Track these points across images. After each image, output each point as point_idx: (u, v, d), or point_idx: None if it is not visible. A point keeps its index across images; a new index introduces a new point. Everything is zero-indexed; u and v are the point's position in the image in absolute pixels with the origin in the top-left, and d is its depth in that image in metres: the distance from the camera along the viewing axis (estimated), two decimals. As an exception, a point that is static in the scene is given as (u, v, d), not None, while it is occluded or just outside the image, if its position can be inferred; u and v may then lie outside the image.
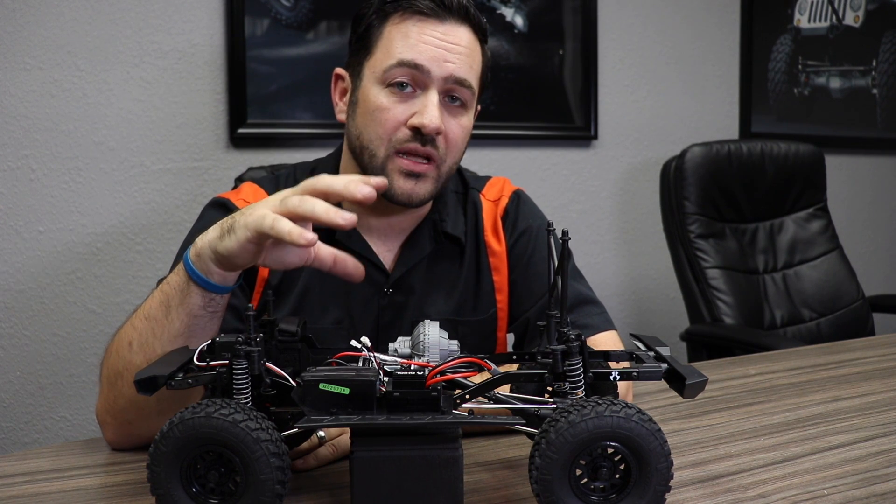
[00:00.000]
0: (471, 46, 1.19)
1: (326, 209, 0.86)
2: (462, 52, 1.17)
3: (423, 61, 1.15)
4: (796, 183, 2.46)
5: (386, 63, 1.16)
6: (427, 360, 0.84)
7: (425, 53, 1.15)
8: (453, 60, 1.16)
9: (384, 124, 1.16)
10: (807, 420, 1.16)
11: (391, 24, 1.17)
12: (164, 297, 0.98)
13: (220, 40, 2.07)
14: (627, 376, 0.82)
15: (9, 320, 1.95)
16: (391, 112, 1.16)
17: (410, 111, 1.16)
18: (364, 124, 1.18)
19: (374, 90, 1.17)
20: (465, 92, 1.19)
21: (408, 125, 1.16)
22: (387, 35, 1.17)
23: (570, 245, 0.80)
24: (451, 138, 1.19)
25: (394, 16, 1.17)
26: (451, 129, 1.18)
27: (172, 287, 0.97)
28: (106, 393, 1.03)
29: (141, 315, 1.00)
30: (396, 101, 1.16)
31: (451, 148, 1.20)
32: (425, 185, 1.19)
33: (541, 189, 2.48)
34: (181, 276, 0.96)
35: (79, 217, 1.98)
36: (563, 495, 0.74)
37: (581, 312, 1.24)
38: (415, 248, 1.27)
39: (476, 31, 1.21)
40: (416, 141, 1.16)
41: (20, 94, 1.91)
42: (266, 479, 0.74)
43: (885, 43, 2.78)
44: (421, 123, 1.14)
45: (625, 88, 2.64)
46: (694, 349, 2.27)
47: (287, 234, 0.85)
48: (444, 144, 1.18)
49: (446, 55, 1.16)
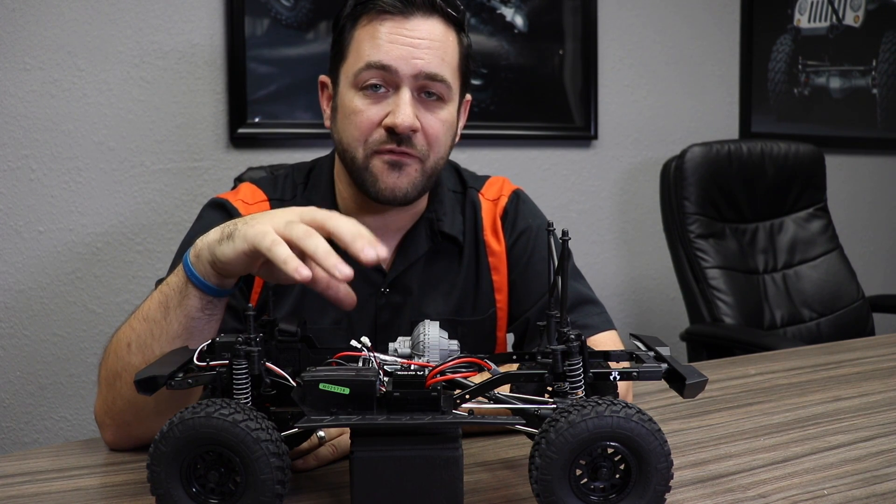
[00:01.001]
0: (441, 38, 1.18)
1: (327, 254, 0.84)
2: (431, 46, 1.16)
3: (389, 61, 1.15)
4: (796, 183, 2.46)
5: (356, 66, 1.17)
6: (427, 360, 0.84)
7: (391, 53, 1.15)
8: (421, 56, 1.15)
9: (359, 126, 1.17)
10: (807, 420, 1.16)
11: (360, 27, 1.18)
12: (162, 299, 0.98)
13: (220, 40, 2.07)
14: (627, 376, 0.82)
15: (9, 320, 1.95)
16: (365, 114, 1.16)
17: (384, 111, 1.16)
18: (343, 128, 1.20)
19: (348, 94, 1.18)
20: (439, 86, 1.18)
21: (382, 125, 1.16)
22: (357, 38, 1.18)
23: (570, 245, 0.80)
24: (431, 133, 1.18)
25: (362, 18, 1.18)
26: (429, 124, 1.18)
27: (171, 288, 0.97)
28: (104, 394, 1.03)
29: (139, 316, 1.00)
30: (370, 102, 1.16)
31: (433, 143, 1.19)
32: (408, 178, 1.18)
33: (541, 189, 2.48)
34: (180, 278, 0.96)
35: (79, 217, 1.98)
36: (563, 495, 0.74)
37: (581, 312, 1.23)
38: (411, 248, 1.27)
39: (447, 20, 1.19)
40: (392, 141, 1.16)
41: (20, 94, 1.91)
42: (266, 479, 0.74)
43: (885, 43, 2.78)
44: (393, 123, 1.14)
45: (625, 88, 2.64)
46: (694, 349, 2.27)
47: (282, 263, 0.84)
48: (423, 141, 1.18)
49: (413, 52, 1.15)
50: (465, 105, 1.29)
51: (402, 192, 1.18)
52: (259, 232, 0.87)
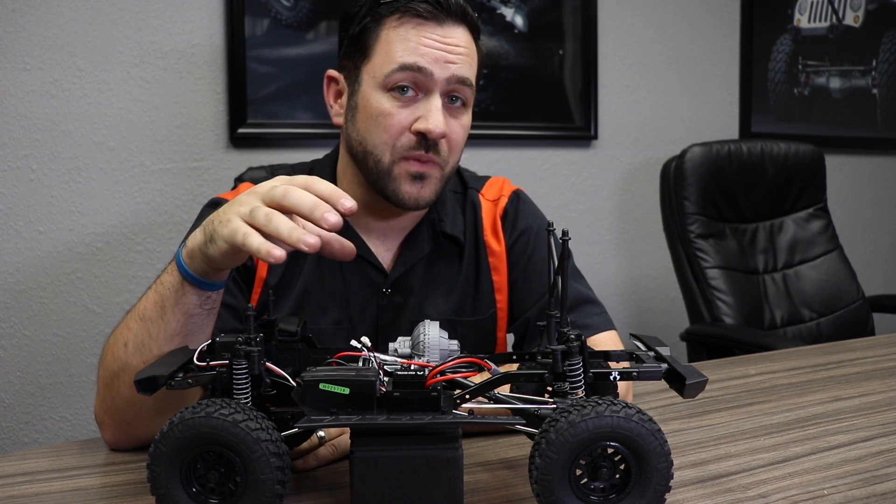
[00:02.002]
0: (469, 46, 1.19)
1: (290, 230, 0.84)
2: (462, 52, 1.17)
3: (425, 64, 1.14)
4: (796, 183, 2.46)
5: (387, 67, 1.15)
6: (427, 360, 0.84)
7: (427, 56, 1.14)
8: (455, 61, 1.16)
9: (388, 130, 1.16)
10: (807, 420, 1.16)
11: (388, 28, 1.16)
12: (158, 298, 0.98)
13: (220, 40, 2.07)
14: (627, 376, 0.82)
15: (9, 320, 1.95)
16: (395, 118, 1.15)
17: (414, 116, 1.16)
18: (367, 130, 1.18)
19: (375, 95, 1.17)
20: (467, 91, 1.19)
21: (412, 130, 1.15)
22: (385, 38, 1.16)
23: (570, 245, 0.80)
24: (454, 140, 1.19)
25: (390, 18, 1.16)
26: (453, 130, 1.19)
27: (167, 287, 0.97)
28: (103, 394, 1.03)
29: (135, 316, 1.00)
30: (399, 105, 1.16)
31: (454, 149, 1.20)
32: (430, 187, 1.19)
33: (541, 189, 2.48)
34: (175, 277, 0.97)
35: (79, 217, 1.98)
36: (563, 495, 0.74)
37: (581, 312, 1.24)
38: (413, 249, 1.27)
39: (472, 31, 1.21)
40: (421, 147, 1.16)
41: (20, 94, 1.91)
42: (266, 479, 0.74)
43: (885, 43, 2.78)
44: (427, 129, 1.14)
45: (625, 88, 2.64)
46: (694, 349, 2.27)
47: (257, 251, 0.85)
48: (446, 147, 1.18)
49: (447, 56, 1.15)
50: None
51: (424, 201, 1.20)
52: (231, 230, 0.88)
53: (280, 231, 0.85)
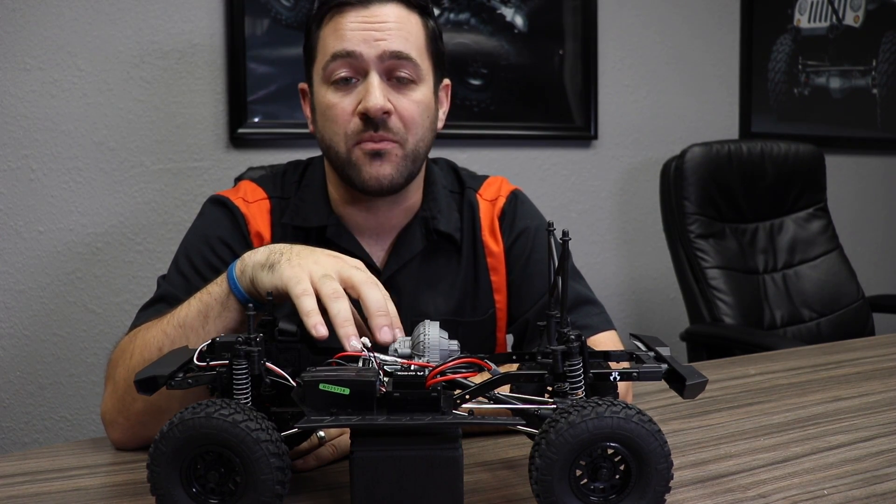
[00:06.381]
0: (402, 19, 1.19)
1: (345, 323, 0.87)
2: (391, 27, 1.17)
3: (353, 47, 1.16)
4: (796, 183, 2.46)
5: (324, 61, 1.19)
6: (427, 361, 0.84)
7: (353, 38, 1.16)
8: (383, 37, 1.17)
9: (336, 120, 1.18)
10: (807, 420, 1.16)
11: (324, 26, 1.20)
12: (202, 307, 0.99)
13: (220, 40, 2.07)
14: (627, 377, 0.82)
15: (9, 320, 1.95)
16: (339, 106, 1.18)
17: (356, 100, 1.18)
18: (323, 126, 1.21)
19: (321, 91, 1.20)
20: (408, 65, 1.18)
21: (356, 114, 1.17)
22: (321, 36, 1.20)
23: (569, 245, 0.80)
24: (406, 115, 1.19)
25: (325, 17, 1.20)
26: (402, 106, 1.18)
27: (213, 298, 0.99)
28: (121, 394, 1.03)
29: (174, 322, 1.01)
30: (343, 95, 1.18)
31: (409, 125, 1.19)
32: (391, 164, 1.19)
33: (541, 189, 2.48)
34: (223, 289, 0.98)
35: (79, 217, 1.98)
36: (562, 496, 0.74)
37: (581, 313, 1.23)
38: (406, 246, 1.27)
39: (408, 5, 1.20)
40: (369, 128, 1.17)
41: (20, 94, 1.91)
42: (266, 479, 0.74)
43: (885, 43, 2.78)
44: (365, 108, 1.16)
45: (625, 88, 2.64)
46: (694, 349, 2.27)
47: (305, 315, 0.88)
48: (399, 124, 1.18)
49: (375, 35, 1.16)
50: (444, 89, 1.30)
51: (387, 179, 1.19)
52: (294, 276, 0.91)
53: (338, 316, 0.88)
